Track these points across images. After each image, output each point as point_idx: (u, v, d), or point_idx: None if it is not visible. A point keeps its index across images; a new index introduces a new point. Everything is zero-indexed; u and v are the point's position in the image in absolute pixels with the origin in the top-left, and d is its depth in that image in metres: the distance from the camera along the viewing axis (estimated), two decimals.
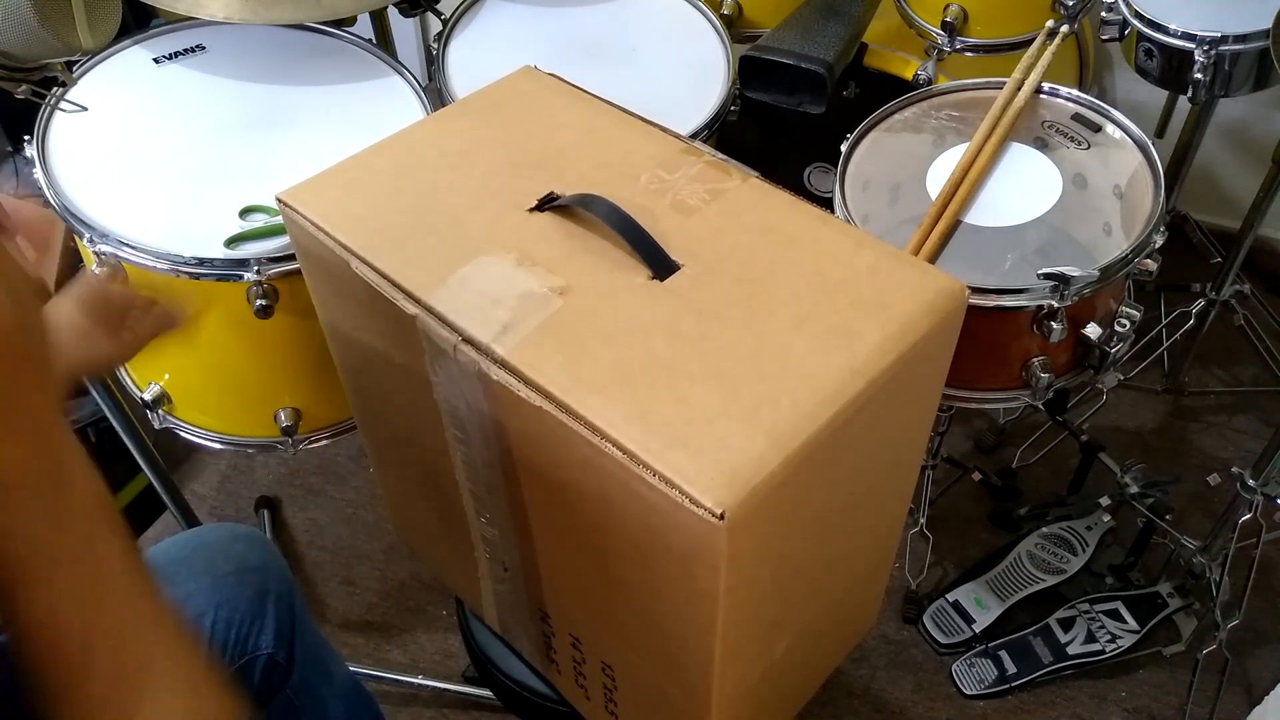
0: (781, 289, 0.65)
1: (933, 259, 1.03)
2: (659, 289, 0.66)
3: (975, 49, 1.39)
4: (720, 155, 0.77)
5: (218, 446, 1.20)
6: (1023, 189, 1.09)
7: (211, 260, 0.99)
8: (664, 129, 0.80)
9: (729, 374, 0.60)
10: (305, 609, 0.97)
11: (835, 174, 1.13)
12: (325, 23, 1.24)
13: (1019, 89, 1.16)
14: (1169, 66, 1.23)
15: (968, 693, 1.40)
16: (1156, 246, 1.03)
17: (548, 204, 0.72)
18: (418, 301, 0.66)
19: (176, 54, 1.21)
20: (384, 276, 0.68)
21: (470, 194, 0.75)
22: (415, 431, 0.79)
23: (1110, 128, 1.14)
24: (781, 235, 0.69)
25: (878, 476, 0.64)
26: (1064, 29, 1.25)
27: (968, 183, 1.09)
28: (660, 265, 0.67)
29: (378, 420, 0.91)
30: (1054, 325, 1.01)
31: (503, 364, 0.62)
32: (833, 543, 0.72)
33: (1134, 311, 1.08)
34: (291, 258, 1.00)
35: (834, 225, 0.70)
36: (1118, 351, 1.08)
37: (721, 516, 0.53)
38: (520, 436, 0.65)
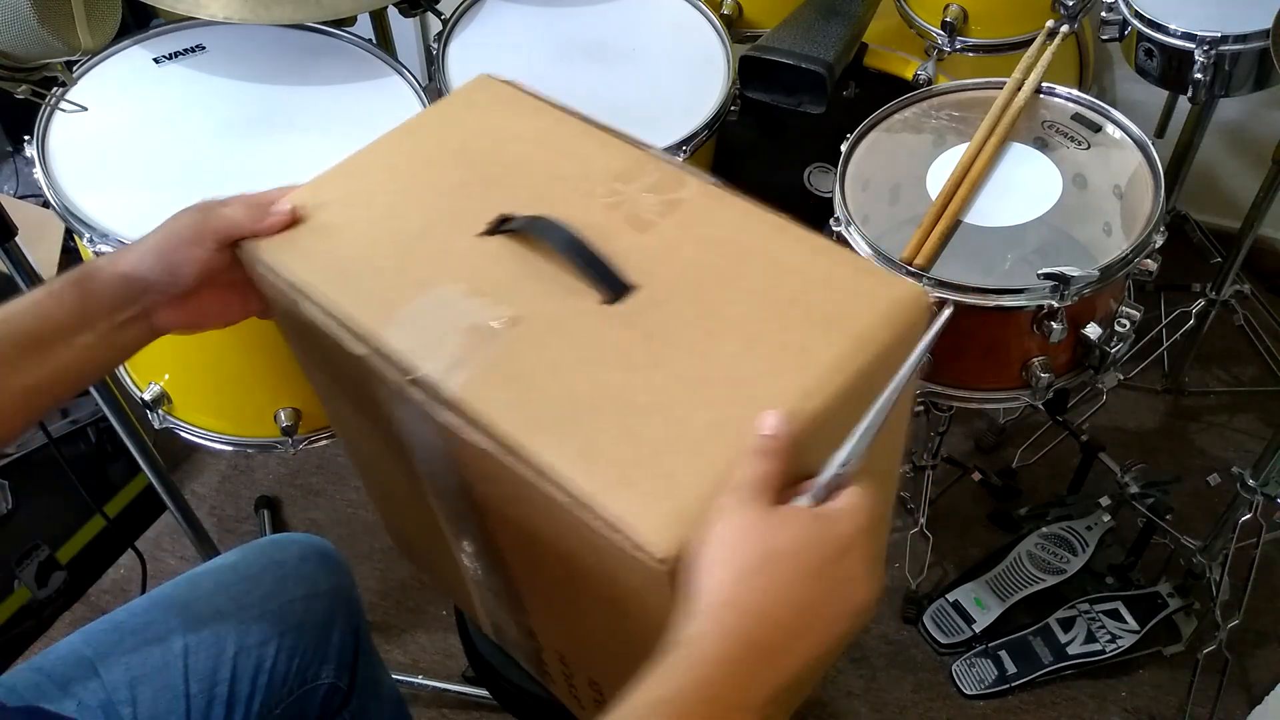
0: (735, 307, 0.64)
1: (933, 259, 1.03)
2: (610, 314, 0.64)
3: (975, 49, 1.39)
4: (677, 162, 0.75)
5: (218, 446, 1.20)
6: (1023, 189, 1.09)
7: None
8: (623, 135, 0.78)
9: (678, 403, 0.59)
10: (368, 632, 0.95)
11: (835, 174, 1.13)
12: (325, 23, 1.24)
13: (1019, 89, 1.16)
14: (1169, 66, 1.23)
15: (968, 693, 1.40)
16: (1156, 246, 1.03)
17: (499, 228, 0.70)
18: (366, 341, 0.65)
19: (176, 54, 1.21)
20: (331, 316, 0.67)
21: (421, 220, 0.73)
22: (388, 458, 0.78)
23: (1110, 128, 1.14)
24: (737, 248, 0.68)
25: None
26: (1064, 29, 1.25)
27: (968, 183, 1.09)
28: (613, 288, 0.65)
29: (354, 445, 0.90)
30: (1054, 325, 1.01)
31: (449, 404, 0.60)
32: None
33: (1134, 311, 1.08)
34: None
35: (791, 233, 0.68)
36: (1118, 351, 1.08)
37: (664, 561, 0.53)
38: (475, 473, 0.65)
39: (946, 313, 0.63)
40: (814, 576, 0.53)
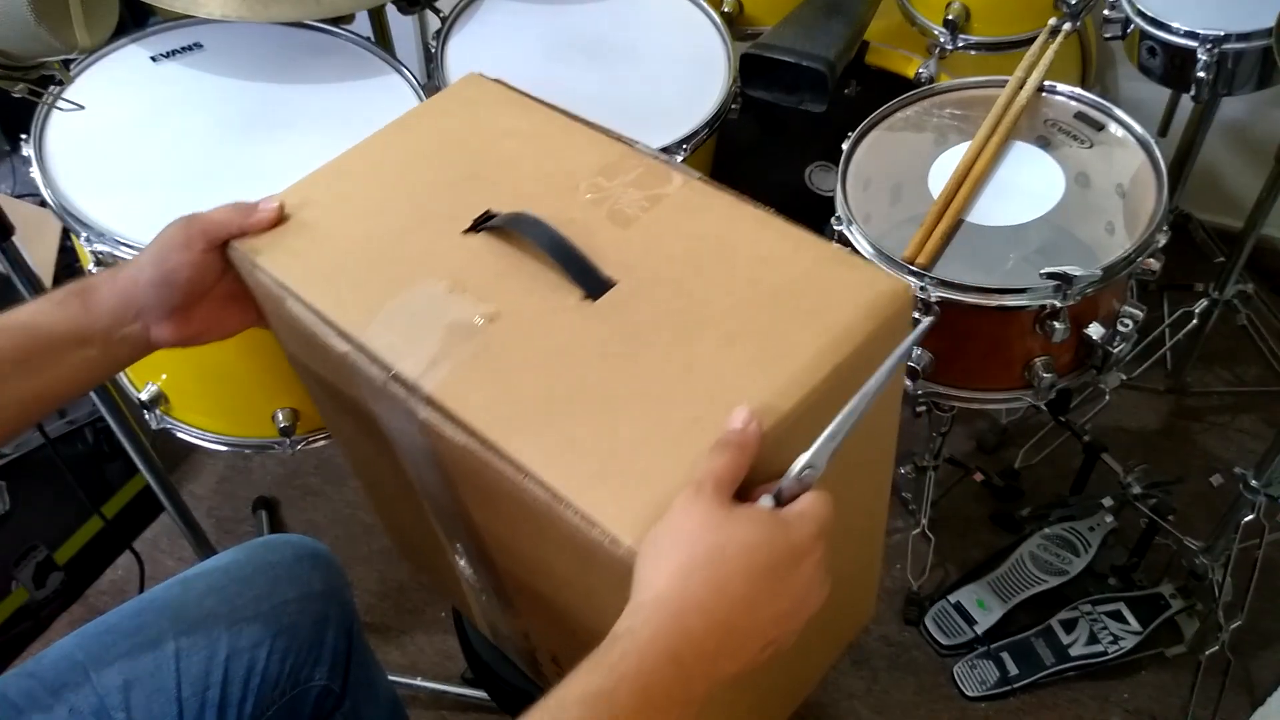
0: (715, 302, 0.63)
1: (935, 258, 1.03)
2: (590, 310, 0.64)
3: (977, 47, 1.39)
4: (663, 156, 0.75)
5: (215, 447, 1.20)
6: (1025, 188, 1.09)
7: None
8: (608, 132, 0.78)
9: (657, 398, 0.59)
10: (362, 633, 0.95)
11: (836, 172, 1.12)
12: (323, 20, 1.23)
13: (1021, 87, 1.16)
14: (1172, 65, 1.22)
15: (969, 694, 1.40)
16: (1159, 246, 1.02)
17: (482, 224, 0.71)
18: (349, 339, 0.65)
19: (174, 52, 1.20)
20: (317, 314, 0.67)
21: (407, 218, 0.73)
22: (380, 460, 0.78)
23: (1113, 126, 1.13)
24: (719, 242, 0.67)
25: (839, 483, 0.63)
26: (1066, 27, 1.25)
27: (970, 181, 1.08)
28: (593, 284, 0.65)
29: (348, 446, 0.90)
30: (1056, 325, 1.00)
31: (429, 401, 0.61)
32: None
33: (1137, 311, 1.07)
34: None
35: (774, 227, 0.68)
36: (1120, 351, 1.07)
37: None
38: (458, 471, 0.65)
39: (929, 319, 0.62)
40: (762, 577, 0.53)
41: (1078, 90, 1.17)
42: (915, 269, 1.01)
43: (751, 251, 0.66)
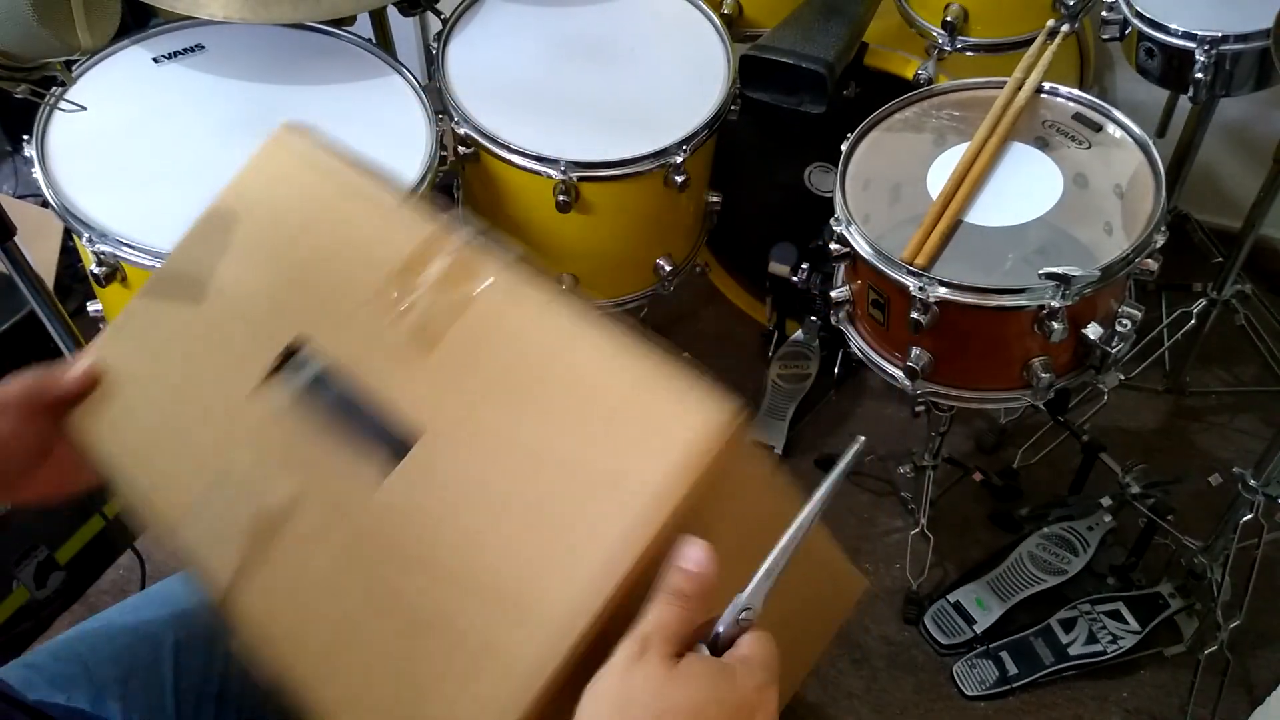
0: (530, 448, 0.56)
1: (933, 259, 1.03)
2: (395, 479, 0.58)
3: (976, 48, 1.39)
4: (470, 234, 0.66)
5: None
6: (1024, 188, 1.09)
7: None
8: (417, 205, 0.70)
9: (458, 610, 0.53)
10: None
11: (836, 173, 1.12)
12: (325, 22, 1.24)
13: (1020, 88, 1.16)
14: (1170, 66, 1.23)
15: (969, 694, 1.40)
16: (1158, 246, 1.02)
17: (275, 371, 0.66)
18: (171, 536, 0.63)
19: (176, 53, 1.21)
20: (141, 502, 0.65)
21: (218, 358, 0.68)
22: None
23: (1111, 127, 1.13)
24: (531, 363, 0.60)
25: (776, 620, 0.55)
26: (1065, 28, 1.25)
27: (969, 182, 1.08)
28: (395, 445, 0.59)
29: None
30: (1055, 325, 1.00)
31: (239, 633, 0.59)
32: None
33: (1135, 311, 1.07)
34: None
35: (587, 340, 0.59)
36: (1119, 351, 1.07)
37: None
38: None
39: (858, 444, 0.57)
40: None
41: (1076, 91, 1.17)
42: (914, 269, 1.01)
43: (567, 376, 0.58)
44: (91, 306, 1.18)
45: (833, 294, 1.16)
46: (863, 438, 0.57)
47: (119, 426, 0.69)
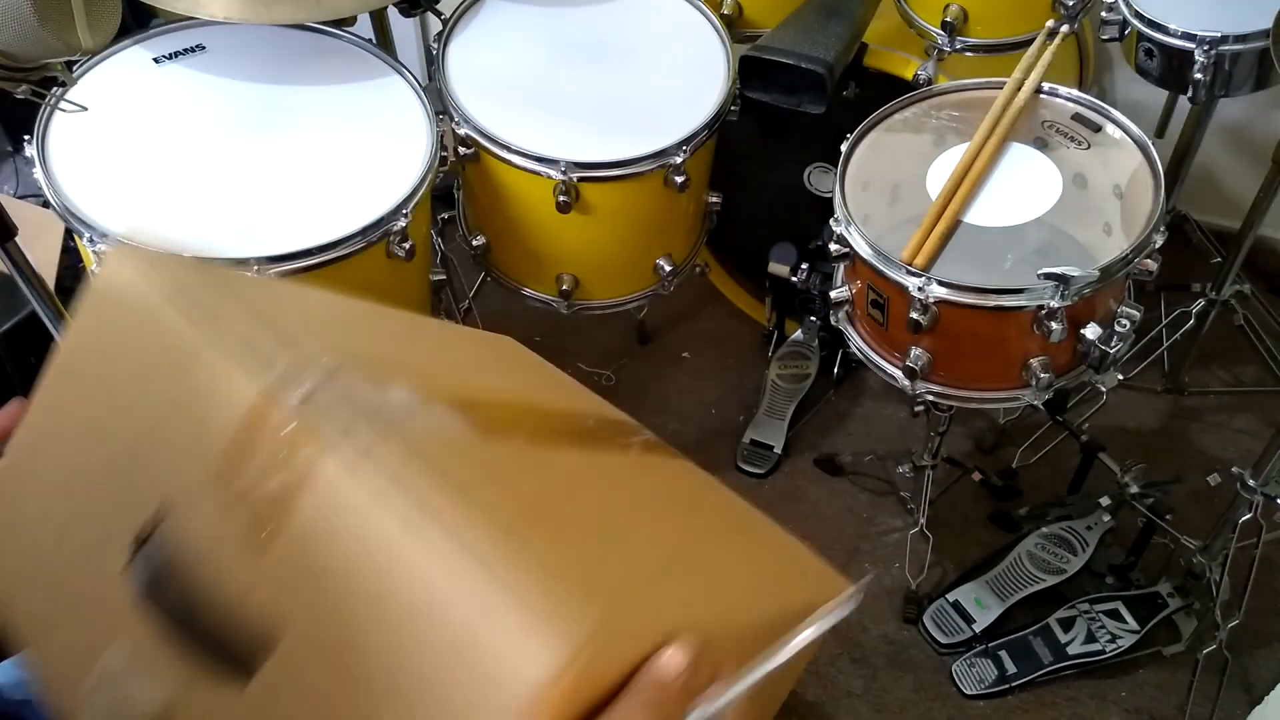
0: (371, 681, 0.50)
1: (933, 259, 1.04)
2: (248, 701, 0.53)
3: (975, 49, 1.39)
4: (297, 410, 0.54)
5: None
6: (1023, 189, 1.09)
7: (213, 260, 0.99)
8: (256, 352, 0.58)
9: None
10: None
11: (835, 174, 1.13)
12: (325, 22, 1.24)
13: (1019, 89, 1.16)
14: (1169, 66, 1.23)
15: (968, 693, 1.40)
16: (1157, 246, 1.03)
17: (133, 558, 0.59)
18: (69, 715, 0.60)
19: (176, 54, 1.21)
20: (35, 675, 0.61)
21: (82, 538, 0.63)
22: None
23: (1110, 128, 1.14)
24: (364, 576, 0.52)
25: None
26: (1064, 29, 1.25)
27: (968, 182, 1.09)
28: (239, 669, 0.54)
29: None
30: (1054, 325, 1.01)
31: None
32: None
33: (1134, 311, 1.08)
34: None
35: (413, 543, 0.50)
36: (1118, 351, 1.08)
37: None
38: None
39: (847, 608, 0.52)
40: None
41: (1075, 92, 1.17)
42: (913, 269, 1.02)
43: (404, 594, 0.51)
44: None
45: (832, 294, 1.16)
46: (852, 597, 0.52)
47: (8, 603, 0.63)
